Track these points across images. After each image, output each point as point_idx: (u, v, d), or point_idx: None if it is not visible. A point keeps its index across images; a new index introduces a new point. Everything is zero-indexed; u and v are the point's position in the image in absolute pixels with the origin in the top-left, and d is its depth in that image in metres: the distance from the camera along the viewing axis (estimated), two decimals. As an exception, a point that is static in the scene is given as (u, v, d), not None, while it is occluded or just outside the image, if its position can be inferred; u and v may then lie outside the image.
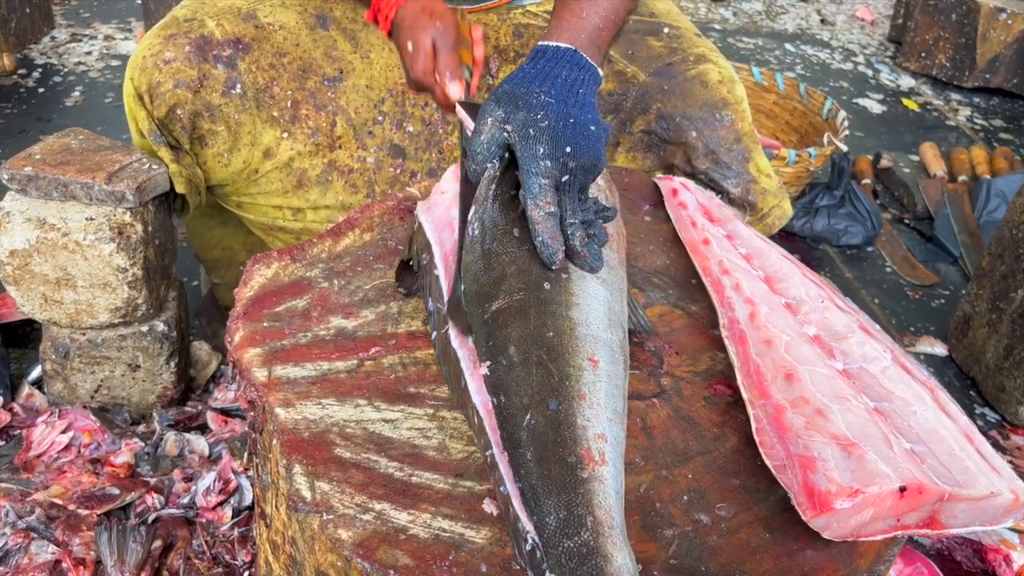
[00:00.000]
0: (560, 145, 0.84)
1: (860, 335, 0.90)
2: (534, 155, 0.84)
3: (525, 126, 0.86)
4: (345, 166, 1.31)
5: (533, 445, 0.72)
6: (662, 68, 1.36)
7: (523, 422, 0.73)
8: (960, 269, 2.23)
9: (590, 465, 0.70)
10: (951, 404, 0.86)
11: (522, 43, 1.38)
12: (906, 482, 0.73)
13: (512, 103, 0.88)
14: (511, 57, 1.37)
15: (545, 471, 0.70)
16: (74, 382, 1.40)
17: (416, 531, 0.72)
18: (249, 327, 0.91)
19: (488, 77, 1.37)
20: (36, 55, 2.77)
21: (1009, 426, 1.74)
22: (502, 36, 1.37)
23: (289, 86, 1.28)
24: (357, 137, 1.32)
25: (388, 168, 1.33)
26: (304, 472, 0.76)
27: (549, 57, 0.94)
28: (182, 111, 1.25)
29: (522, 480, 0.71)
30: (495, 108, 0.88)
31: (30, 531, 1.17)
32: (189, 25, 1.27)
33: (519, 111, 0.87)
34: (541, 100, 0.87)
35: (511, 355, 0.77)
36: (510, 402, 0.75)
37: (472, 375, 0.81)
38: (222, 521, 1.23)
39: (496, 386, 0.77)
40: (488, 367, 0.79)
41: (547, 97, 0.88)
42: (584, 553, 0.65)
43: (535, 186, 0.83)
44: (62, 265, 1.29)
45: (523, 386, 0.75)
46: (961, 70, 3.29)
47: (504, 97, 0.89)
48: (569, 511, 0.67)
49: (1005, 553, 1.34)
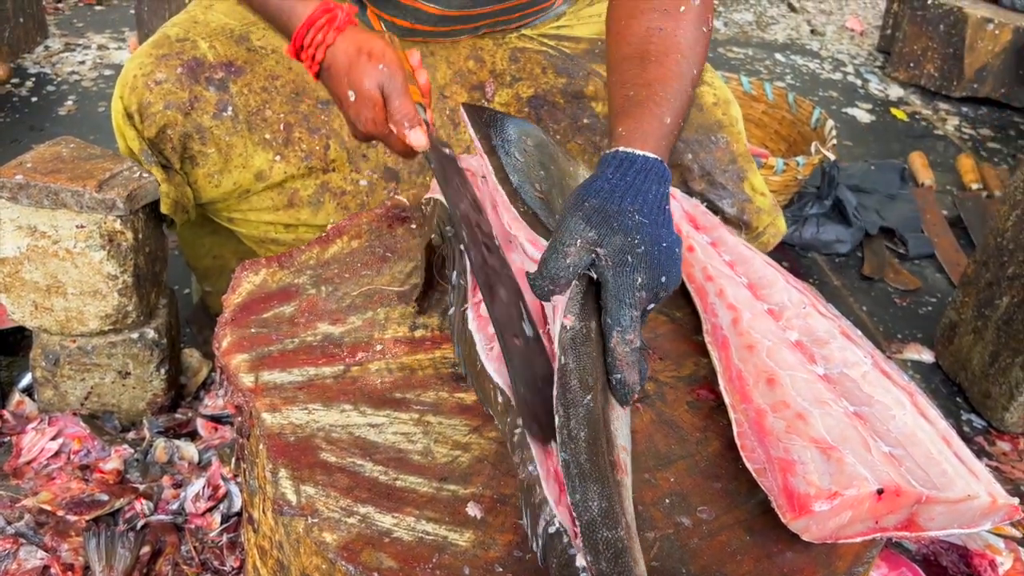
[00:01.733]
0: (657, 274, 0.77)
1: (841, 340, 0.92)
2: (630, 285, 0.76)
3: (622, 252, 0.77)
4: (338, 188, 1.31)
5: (587, 427, 0.71)
6: None
7: (583, 400, 0.73)
8: (946, 277, 2.25)
9: (618, 472, 0.71)
10: (930, 409, 0.87)
11: (518, 67, 1.38)
12: (884, 484, 0.74)
13: (605, 224, 0.78)
14: (507, 81, 1.38)
15: (595, 457, 0.69)
16: (64, 389, 1.40)
17: (400, 534, 0.73)
18: (237, 333, 0.92)
19: (484, 101, 1.37)
20: (29, 64, 2.78)
21: (995, 432, 1.75)
22: (498, 60, 1.38)
23: (282, 109, 1.28)
24: (351, 160, 1.31)
25: (381, 191, 1.33)
26: (290, 476, 0.77)
27: (638, 169, 0.84)
28: (172, 132, 1.25)
29: (572, 457, 0.69)
30: (584, 227, 0.78)
31: (19, 537, 1.17)
32: (181, 46, 1.26)
33: (615, 234, 0.77)
34: (636, 221, 0.79)
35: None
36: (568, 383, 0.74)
37: (487, 357, 0.83)
38: (211, 527, 1.23)
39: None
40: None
41: (640, 217, 0.79)
42: (620, 549, 0.65)
43: (626, 318, 0.76)
44: (52, 272, 1.30)
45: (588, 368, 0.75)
46: (949, 80, 3.32)
47: (595, 216, 0.78)
48: (610, 504, 0.67)
49: (990, 558, 1.35)
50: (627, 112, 0.91)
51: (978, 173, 2.69)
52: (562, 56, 1.39)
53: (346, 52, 0.97)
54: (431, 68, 1.36)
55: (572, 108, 1.37)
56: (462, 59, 1.37)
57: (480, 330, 0.86)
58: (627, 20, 0.98)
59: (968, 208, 2.52)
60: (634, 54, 0.95)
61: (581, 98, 1.37)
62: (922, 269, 2.29)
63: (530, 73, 1.38)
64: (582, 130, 1.37)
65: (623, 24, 0.99)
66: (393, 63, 0.95)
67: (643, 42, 0.96)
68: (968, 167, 2.71)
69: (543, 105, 1.37)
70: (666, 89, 0.92)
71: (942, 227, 2.44)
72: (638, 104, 0.91)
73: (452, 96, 1.36)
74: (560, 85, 1.38)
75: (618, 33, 0.99)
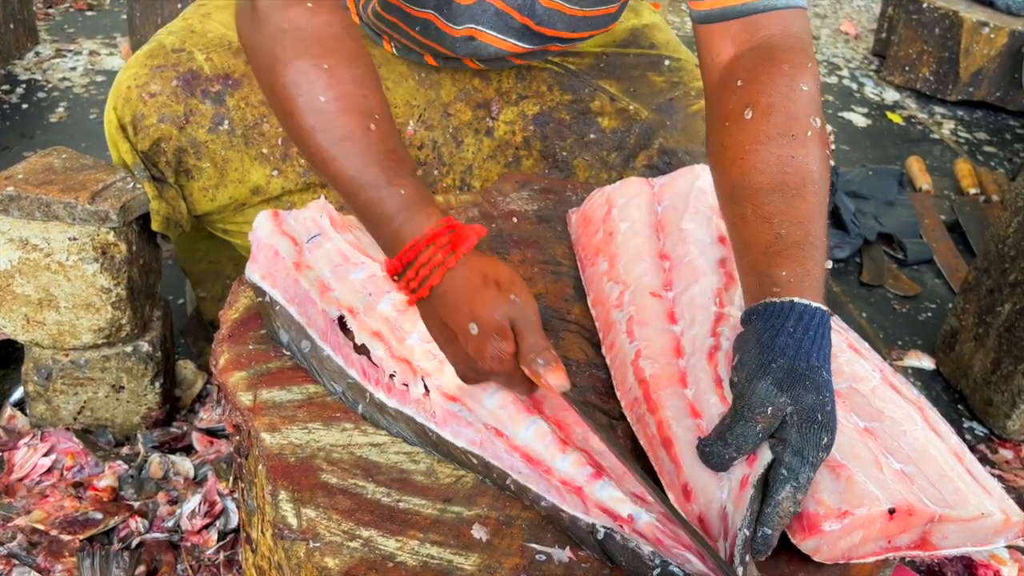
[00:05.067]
0: (834, 430, 0.74)
1: (849, 354, 0.90)
2: (816, 444, 0.72)
3: (813, 411, 0.73)
4: (336, 203, 1.30)
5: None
6: (664, 104, 1.36)
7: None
8: (945, 282, 2.24)
9: None
10: (941, 423, 0.86)
11: (524, 85, 1.37)
12: (896, 504, 0.73)
13: (798, 384, 0.74)
14: (513, 99, 1.36)
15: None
16: (57, 404, 1.38)
17: (404, 558, 0.71)
18: (234, 350, 0.90)
19: (488, 120, 1.36)
20: (20, 71, 2.75)
21: (997, 439, 1.74)
22: (504, 78, 1.36)
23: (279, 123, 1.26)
24: None
25: None
26: (290, 499, 0.75)
27: (818, 322, 0.78)
28: (167, 145, 1.23)
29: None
30: (776, 393, 0.73)
31: (12, 558, 1.15)
32: (177, 57, 1.24)
33: (808, 393, 0.73)
34: (824, 379, 0.75)
35: None
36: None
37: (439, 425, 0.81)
38: (208, 545, 1.21)
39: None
40: None
41: (827, 375, 0.76)
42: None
43: (804, 476, 0.72)
44: (45, 286, 1.27)
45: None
46: (945, 83, 3.32)
47: (786, 379, 0.74)
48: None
49: (995, 569, 1.34)
50: (785, 254, 0.83)
51: (975, 178, 2.68)
52: (567, 73, 1.38)
53: (468, 279, 0.79)
54: (436, 85, 1.34)
55: (578, 124, 1.36)
56: (467, 77, 1.35)
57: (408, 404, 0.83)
58: (754, 144, 0.89)
59: (966, 213, 2.52)
60: (771, 185, 0.87)
61: (587, 114, 1.36)
62: (921, 275, 2.28)
63: (536, 91, 1.37)
64: (589, 146, 1.36)
65: (748, 149, 0.89)
66: (525, 293, 0.80)
67: (778, 172, 0.87)
68: (965, 172, 2.71)
69: (549, 122, 1.36)
70: (818, 228, 0.85)
71: (941, 232, 2.43)
72: (796, 246, 0.83)
73: (456, 114, 1.35)
74: (566, 102, 1.37)
75: (744, 159, 0.90)
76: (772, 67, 0.93)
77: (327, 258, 0.92)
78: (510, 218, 1.16)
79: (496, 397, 0.81)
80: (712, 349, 0.86)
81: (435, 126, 1.34)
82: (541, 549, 0.73)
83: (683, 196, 1.03)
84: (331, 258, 0.92)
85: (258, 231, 0.95)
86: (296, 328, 0.89)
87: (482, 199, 1.19)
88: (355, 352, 0.86)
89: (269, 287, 0.91)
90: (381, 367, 0.84)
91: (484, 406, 0.80)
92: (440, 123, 1.34)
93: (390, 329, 0.86)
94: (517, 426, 0.79)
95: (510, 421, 0.79)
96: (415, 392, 0.82)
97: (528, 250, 1.10)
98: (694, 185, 1.04)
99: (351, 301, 0.88)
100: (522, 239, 1.12)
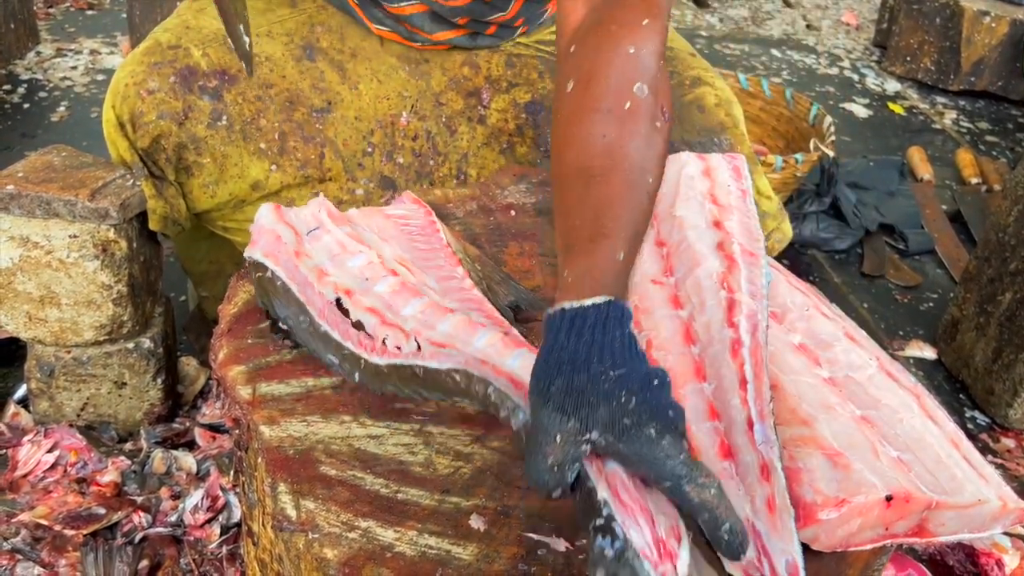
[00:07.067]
0: (664, 413, 0.66)
1: (846, 343, 0.90)
2: (649, 442, 0.65)
3: (613, 422, 0.65)
4: (334, 198, 1.29)
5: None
6: None
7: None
8: (946, 272, 2.24)
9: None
10: (938, 410, 0.86)
11: (514, 73, 1.36)
12: (893, 491, 0.73)
13: (582, 404, 0.66)
14: (503, 87, 1.36)
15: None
16: (60, 400, 1.39)
17: (402, 548, 0.71)
18: (233, 344, 0.91)
19: (480, 108, 1.36)
20: (21, 70, 2.76)
21: (999, 429, 1.74)
22: (494, 66, 1.36)
23: (276, 118, 1.26)
24: (347, 169, 1.29)
25: (378, 200, 1.31)
26: (289, 491, 0.76)
27: (592, 323, 0.69)
28: (166, 142, 1.23)
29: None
30: (559, 418, 0.65)
31: (15, 553, 1.16)
32: (174, 53, 1.24)
33: (596, 409, 0.65)
34: (612, 378, 0.66)
35: None
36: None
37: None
38: (210, 539, 1.22)
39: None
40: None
41: (615, 371, 0.66)
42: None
43: (679, 468, 0.65)
44: (46, 283, 1.28)
45: None
46: (946, 73, 3.31)
47: (566, 400, 0.66)
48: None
49: (997, 557, 1.34)
50: (576, 249, 0.76)
51: (977, 167, 2.68)
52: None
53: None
54: (425, 76, 1.34)
55: None
56: (457, 65, 1.35)
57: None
58: (567, 124, 0.81)
59: (968, 203, 2.51)
60: (574, 171, 0.79)
61: None
62: (923, 265, 2.28)
63: (526, 79, 1.36)
64: None
65: (562, 130, 0.82)
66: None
67: (583, 155, 0.79)
68: (967, 161, 2.71)
69: (540, 111, 1.36)
70: (616, 217, 0.76)
71: (942, 222, 2.43)
72: (588, 239, 0.76)
73: (448, 103, 1.35)
74: None
75: (557, 141, 0.83)
76: (599, 28, 0.83)
77: (326, 249, 0.93)
78: (508, 211, 1.16)
79: (484, 338, 0.81)
80: (734, 343, 0.83)
81: (428, 116, 1.34)
82: (539, 539, 0.73)
83: (672, 183, 1.03)
84: (330, 248, 0.93)
85: (260, 220, 0.96)
86: (295, 303, 0.90)
87: (480, 193, 1.19)
88: (352, 328, 0.87)
89: (272, 264, 0.92)
90: (375, 336, 0.85)
91: (473, 346, 0.81)
92: (433, 113, 1.34)
93: (384, 305, 0.87)
94: (504, 357, 0.79)
95: (496, 355, 0.79)
96: (407, 350, 0.83)
97: (526, 243, 1.10)
98: (682, 172, 1.05)
99: (348, 284, 0.89)
100: (520, 232, 1.12)
